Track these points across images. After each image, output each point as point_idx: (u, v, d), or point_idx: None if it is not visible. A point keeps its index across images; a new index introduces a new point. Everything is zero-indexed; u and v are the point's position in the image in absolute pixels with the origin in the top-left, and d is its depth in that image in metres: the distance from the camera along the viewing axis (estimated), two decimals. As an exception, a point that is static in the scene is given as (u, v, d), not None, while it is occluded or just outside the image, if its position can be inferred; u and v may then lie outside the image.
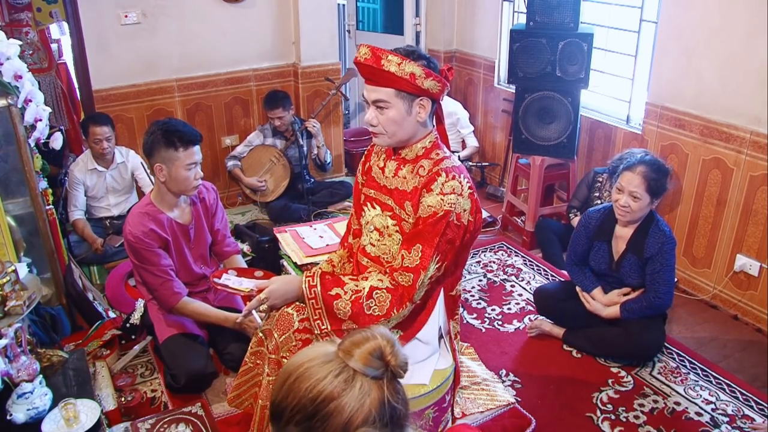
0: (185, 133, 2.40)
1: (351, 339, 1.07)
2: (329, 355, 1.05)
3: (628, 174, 2.63)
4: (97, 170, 3.50)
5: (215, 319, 2.56)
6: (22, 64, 2.47)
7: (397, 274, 1.84)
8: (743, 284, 3.11)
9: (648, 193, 2.59)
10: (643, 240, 2.65)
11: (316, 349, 1.09)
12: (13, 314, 1.90)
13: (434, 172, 1.86)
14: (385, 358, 1.05)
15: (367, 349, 1.04)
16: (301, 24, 4.28)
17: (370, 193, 2.08)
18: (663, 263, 2.62)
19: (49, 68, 3.80)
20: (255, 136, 4.26)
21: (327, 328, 1.84)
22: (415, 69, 1.79)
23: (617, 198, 2.66)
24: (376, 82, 1.83)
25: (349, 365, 1.03)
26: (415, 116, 1.87)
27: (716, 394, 2.56)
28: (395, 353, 1.06)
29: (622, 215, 2.67)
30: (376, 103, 1.86)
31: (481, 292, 3.32)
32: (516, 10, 4.32)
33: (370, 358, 1.04)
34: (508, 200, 4.05)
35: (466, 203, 1.86)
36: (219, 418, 2.38)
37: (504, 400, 2.47)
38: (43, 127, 2.57)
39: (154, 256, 2.48)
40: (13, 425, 1.83)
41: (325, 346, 1.09)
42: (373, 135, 1.94)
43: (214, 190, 2.75)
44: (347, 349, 1.05)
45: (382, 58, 1.79)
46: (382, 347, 1.06)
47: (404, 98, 1.83)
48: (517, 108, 3.68)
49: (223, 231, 2.75)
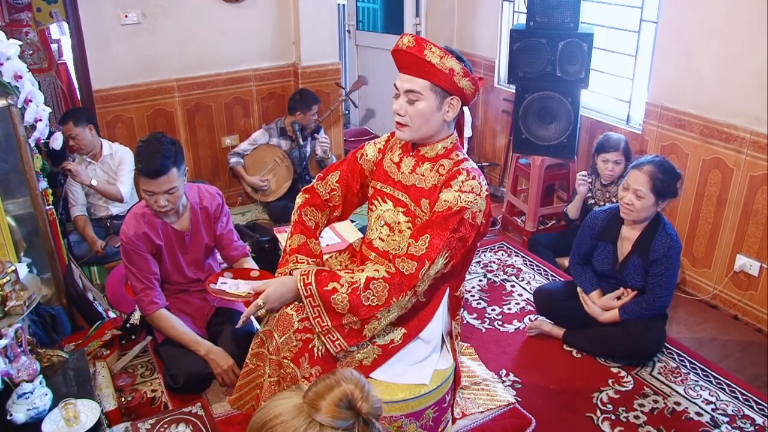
0: (148, 164, 2.36)
1: (315, 389, 0.98)
2: (296, 410, 0.97)
3: (635, 172, 2.61)
4: (91, 164, 3.48)
5: (186, 342, 2.51)
6: (22, 64, 2.47)
7: (399, 260, 1.83)
8: (743, 284, 3.11)
9: (653, 192, 2.57)
10: (649, 242, 2.63)
11: (282, 403, 1.00)
12: (13, 314, 1.90)
13: (455, 171, 1.88)
14: (355, 406, 0.97)
15: (333, 399, 0.96)
16: (301, 24, 4.28)
17: (381, 187, 2.07)
18: (667, 266, 2.61)
19: (49, 68, 3.80)
20: (260, 134, 4.24)
21: (328, 324, 1.84)
22: (455, 65, 1.81)
23: (623, 195, 2.64)
24: (413, 71, 1.84)
25: (315, 420, 0.95)
26: (443, 114, 1.88)
27: (716, 394, 2.56)
28: (366, 398, 0.98)
29: (625, 213, 2.65)
30: (408, 94, 1.86)
31: (481, 292, 3.32)
32: (516, 10, 4.32)
33: (337, 410, 0.95)
34: (508, 200, 4.05)
35: (483, 204, 1.88)
36: (219, 418, 2.38)
37: (504, 400, 2.47)
38: (43, 127, 2.57)
39: (141, 260, 2.49)
40: (13, 425, 1.83)
41: (293, 397, 1.01)
42: (397, 126, 1.94)
43: (220, 196, 2.72)
44: (313, 402, 0.97)
45: (426, 48, 1.81)
46: (349, 394, 0.97)
47: (437, 93, 1.85)
48: (517, 108, 3.68)
49: (228, 236, 2.72)
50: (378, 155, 2.13)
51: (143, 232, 2.48)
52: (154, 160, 2.35)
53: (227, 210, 2.75)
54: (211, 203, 2.66)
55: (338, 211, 2.20)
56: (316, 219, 2.14)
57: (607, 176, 3.31)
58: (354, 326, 1.85)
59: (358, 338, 1.87)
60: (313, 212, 2.15)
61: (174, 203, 2.45)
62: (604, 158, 3.29)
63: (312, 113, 4.16)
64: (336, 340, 1.85)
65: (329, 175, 2.17)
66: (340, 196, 2.16)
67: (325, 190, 2.17)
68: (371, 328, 1.86)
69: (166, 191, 2.39)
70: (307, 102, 4.14)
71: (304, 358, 1.86)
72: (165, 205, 2.42)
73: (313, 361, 1.87)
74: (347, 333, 1.86)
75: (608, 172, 3.29)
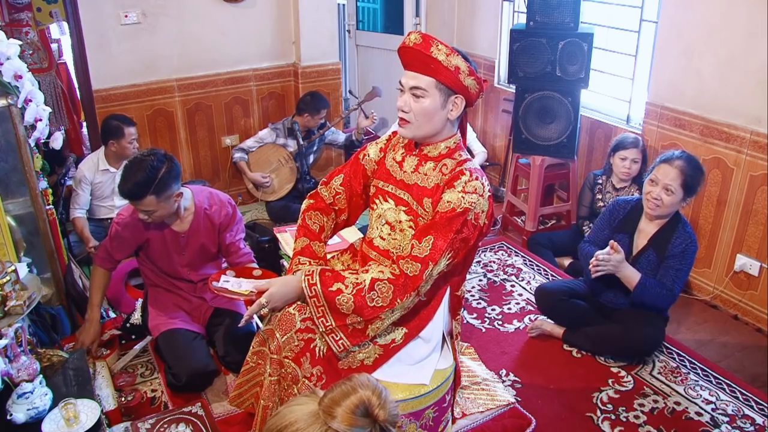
0: (122, 186, 2.40)
1: (331, 396, 0.97)
2: (311, 417, 0.95)
3: (665, 166, 2.56)
4: (108, 171, 3.50)
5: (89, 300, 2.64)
6: (22, 64, 2.47)
7: (403, 262, 1.84)
8: (743, 284, 3.11)
9: (683, 188, 2.53)
10: (668, 239, 2.60)
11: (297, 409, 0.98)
12: (13, 314, 1.90)
13: (458, 171, 1.89)
14: (372, 413, 0.95)
15: (349, 406, 0.94)
16: (301, 24, 4.28)
17: (383, 186, 2.08)
18: (683, 263, 2.57)
19: (49, 68, 3.80)
20: (267, 133, 4.24)
21: (332, 324, 1.84)
22: (460, 63, 1.83)
23: (649, 190, 2.58)
24: (419, 68, 1.85)
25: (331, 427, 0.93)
26: (447, 112, 1.89)
27: (716, 394, 2.56)
28: (383, 405, 0.96)
29: (651, 209, 2.60)
30: (412, 91, 1.87)
31: (481, 292, 3.32)
32: (516, 9, 4.32)
33: (353, 417, 0.93)
34: (508, 200, 4.05)
35: (485, 205, 1.88)
36: (219, 418, 2.38)
37: (504, 400, 2.47)
38: (43, 127, 2.57)
39: (118, 241, 2.60)
40: (13, 425, 1.83)
41: (308, 404, 0.99)
42: (399, 123, 1.95)
43: (231, 206, 2.70)
44: (328, 409, 0.95)
45: (432, 45, 1.82)
46: (366, 401, 0.95)
47: (442, 91, 1.86)
48: (517, 108, 3.68)
49: (236, 244, 2.72)
50: (380, 154, 2.13)
51: (135, 221, 2.53)
52: (128, 186, 2.38)
53: (239, 218, 2.74)
54: (218, 213, 2.65)
55: (345, 215, 2.20)
56: (320, 222, 2.15)
57: (624, 174, 3.26)
58: (358, 326, 1.85)
59: (361, 338, 1.88)
60: (318, 216, 2.15)
61: (155, 220, 2.47)
62: (622, 156, 3.26)
63: (320, 117, 4.18)
64: (339, 339, 1.86)
65: (333, 178, 2.19)
66: (344, 198, 2.17)
67: (329, 194, 2.18)
68: (374, 328, 1.87)
69: (143, 211, 2.43)
70: (316, 106, 4.14)
71: (306, 358, 1.86)
72: (145, 218, 2.46)
73: (315, 360, 1.87)
74: (350, 333, 1.86)
75: (625, 170, 3.25)
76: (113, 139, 3.43)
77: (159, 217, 2.46)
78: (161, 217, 2.47)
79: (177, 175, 2.45)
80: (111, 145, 3.44)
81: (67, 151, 3.74)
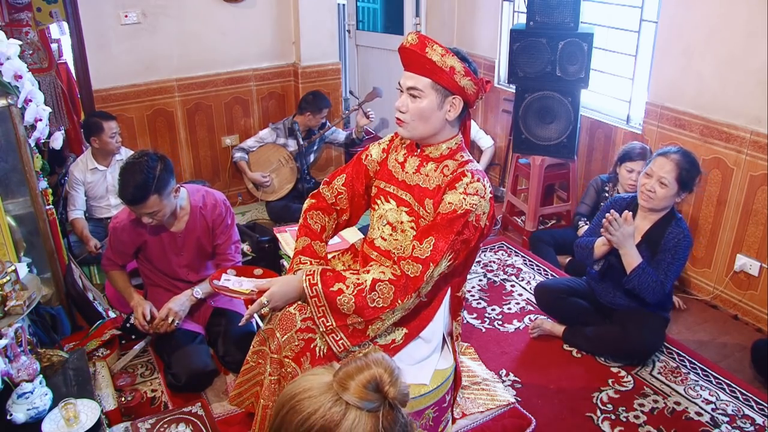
0: (123, 193, 2.40)
1: (346, 369, 1.01)
2: (325, 386, 1.00)
3: (662, 159, 2.58)
4: (98, 169, 3.51)
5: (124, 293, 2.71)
6: (22, 64, 2.47)
7: (404, 263, 1.84)
8: (743, 284, 3.11)
9: (677, 182, 2.54)
10: (661, 235, 2.61)
11: (312, 379, 1.03)
12: (13, 314, 1.90)
13: (460, 173, 1.89)
14: (382, 389, 0.99)
15: (362, 381, 0.98)
16: (301, 24, 4.28)
17: (384, 186, 2.08)
18: (676, 256, 2.57)
19: (49, 68, 3.79)
20: (268, 133, 4.24)
21: (332, 324, 1.84)
22: (455, 64, 1.82)
23: (644, 182, 2.61)
24: (416, 69, 1.86)
25: (342, 398, 0.97)
26: (444, 113, 1.89)
27: (716, 394, 2.56)
28: (394, 383, 1.00)
29: (644, 200, 2.62)
30: (410, 91, 1.88)
31: (481, 292, 3.32)
32: (516, 10, 4.32)
33: (365, 391, 0.98)
34: (508, 200, 4.05)
35: (486, 206, 1.89)
36: (219, 418, 2.38)
37: (504, 400, 2.47)
38: (43, 127, 2.57)
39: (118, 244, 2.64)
40: (13, 425, 1.83)
41: (324, 374, 1.03)
42: (398, 123, 1.95)
43: (225, 205, 2.69)
44: (342, 381, 0.99)
45: (427, 46, 1.82)
46: (378, 377, 0.99)
47: (438, 92, 1.86)
48: (517, 108, 3.68)
49: (223, 246, 2.71)
50: (382, 155, 2.14)
51: (130, 224, 2.54)
52: (129, 190, 2.37)
53: (232, 220, 2.72)
54: (212, 211, 2.65)
55: (346, 215, 2.21)
56: (322, 222, 2.15)
57: (630, 187, 3.15)
58: (358, 326, 1.85)
59: (361, 338, 1.87)
60: (319, 216, 2.16)
61: (160, 220, 2.47)
62: (629, 168, 3.17)
63: (322, 116, 4.18)
64: (339, 339, 1.86)
65: (335, 178, 2.19)
66: (346, 198, 2.17)
67: (331, 194, 2.18)
68: (375, 329, 1.87)
69: (147, 214, 2.42)
70: (318, 105, 4.15)
71: (306, 358, 1.86)
72: (149, 221, 2.46)
73: (315, 360, 1.87)
74: (351, 333, 1.86)
75: (631, 182, 3.13)
76: (94, 135, 3.44)
77: (163, 216, 2.46)
78: (165, 215, 2.47)
79: (172, 170, 2.48)
80: (94, 142, 3.45)
81: (67, 151, 3.74)
